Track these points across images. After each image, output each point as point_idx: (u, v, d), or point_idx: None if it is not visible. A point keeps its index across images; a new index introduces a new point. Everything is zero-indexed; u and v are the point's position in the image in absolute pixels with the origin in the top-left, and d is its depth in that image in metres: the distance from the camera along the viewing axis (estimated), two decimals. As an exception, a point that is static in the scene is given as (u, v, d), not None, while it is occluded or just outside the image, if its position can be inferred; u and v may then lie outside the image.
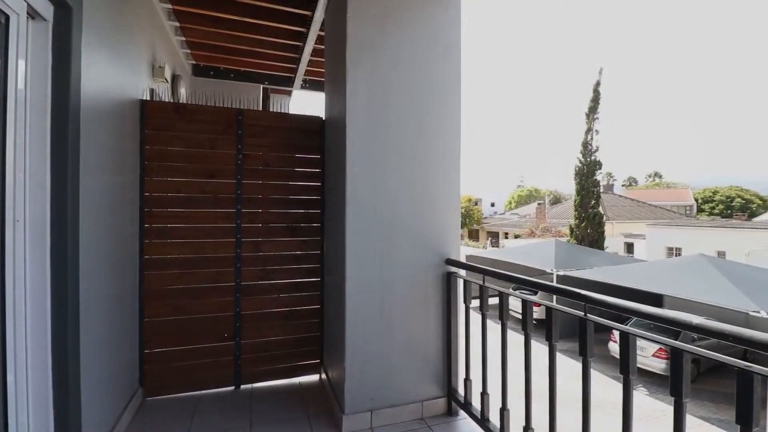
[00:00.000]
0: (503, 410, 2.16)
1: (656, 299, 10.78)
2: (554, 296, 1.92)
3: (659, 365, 9.66)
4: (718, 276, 9.60)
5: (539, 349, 1.99)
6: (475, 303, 2.41)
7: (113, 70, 2.29)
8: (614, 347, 10.41)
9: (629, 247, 25.87)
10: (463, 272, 2.69)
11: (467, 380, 2.57)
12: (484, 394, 2.37)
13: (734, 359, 1.17)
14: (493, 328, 2.23)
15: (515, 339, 2.35)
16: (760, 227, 20.23)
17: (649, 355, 9.93)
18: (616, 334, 1.53)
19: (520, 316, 2.19)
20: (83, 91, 1.85)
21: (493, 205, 65.23)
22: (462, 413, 2.63)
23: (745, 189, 53.45)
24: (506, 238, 35.87)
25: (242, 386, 3.03)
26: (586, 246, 20.10)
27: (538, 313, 10.50)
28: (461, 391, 2.62)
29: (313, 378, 3.22)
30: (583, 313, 1.65)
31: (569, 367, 10.01)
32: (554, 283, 1.94)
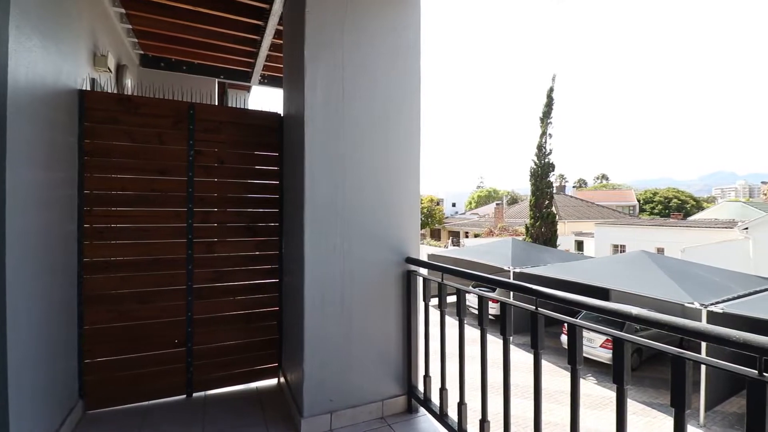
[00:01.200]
0: (461, 404, 2.20)
1: (604, 293, 11.47)
2: (511, 292, 1.98)
3: (606, 355, 10.28)
4: (657, 271, 10.36)
5: (497, 344, 2.04)
6: (435, 301, 2.44)
7: (47, 56, 2.11)
8: (566, 339, 10.97)
9: (579, 245, 27.37)
10: (423, 270, 2.72)
11: (426, 377, 2.59)
12: (443, 389, 2.40)
13: (669, 347, 1.25)
14: (453, 324, 2.26)
15: (474, 335, 2.40)
16: (693, 226, 22.08)
17: (597, 346, 10.55)
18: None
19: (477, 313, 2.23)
20: (11, 78, 1.70)
21: (454, 205, 66.74)
22: (422, 410, 2.66)
23: (681, 191, 58.27)
24: (467, 237, 36.80)
25: (195, 394, 2.88)
26: (541, 244, 21.03)
27: (495, 309, 10.85)
28: (421, 388, 2.64)
29: (272, 382, 3.12)
30: (534, 308, 1.72)
31: (525, 360, 10.44)
32: (510, 280, 2.00)
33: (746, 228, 17.49)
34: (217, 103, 5.66)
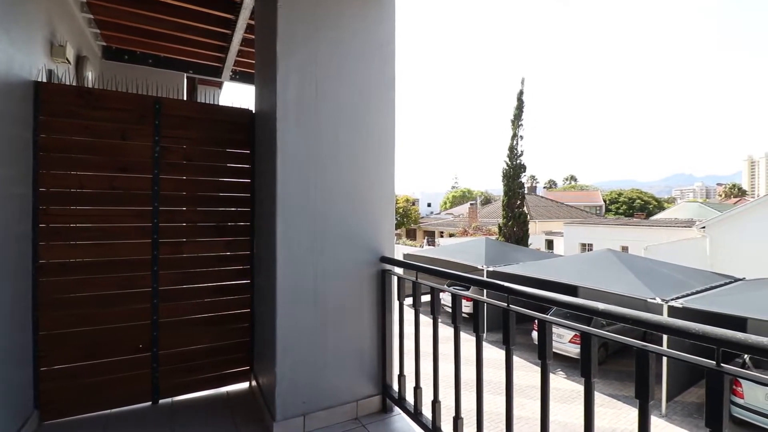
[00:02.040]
0: (435, 402, 2.21)
1: (572, 290, 11.85)
2: (484, 290, 2.00)
3: (575, 350, 10.63)
4: (622, 268, 10.79)
5: (471, 342, 2.05)
6: (410, 300, 2.44)
7: (-4, 44, 1.97)
8: (536, 335, 11.27)
9: (549, 244, 28.19)
10: (397, 270, 2.71)
11: (401, 376, 2.59)
12: (417, 388, 2.40)
13: (634, 341, 1.29)
14: (427, 323, 2.27)
15: (448, 333, 2.42)
16: (655, 225, 23.16)
17: (566, 341, 10.89)
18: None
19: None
20: (-48, 65, 1.57)
21: (429, 205, 67.34)
22: (396, 409, 2.65)
23: (644, 191, 61.11)
24: (442, 236, 37.20)
25: (161, 401, 2.76)
26: (513, 243, 21.51)
27: (469, 307, 11.01)
28: (396, 387, 2.63)
29: (243, 386, 3.04)
30: (506, 304, 1.74)
31: (497, 357, 10.65)
32: (483, 278, 2.02)
33: (703, 227, 18.49)
34: (186, 99, 5.47)
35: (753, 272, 12.56)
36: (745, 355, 7.93)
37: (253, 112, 3.05)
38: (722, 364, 1.08)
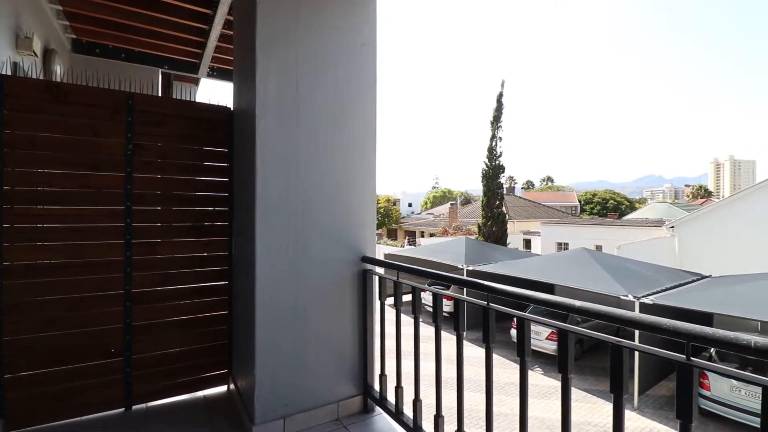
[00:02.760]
0: (416, 401, 2.21)
1: (549, 288, 12.12)
2: (464, 289, 2.02)
3: (551, 347, 10.88)
4: (596, 267, 11.11)
5: (451, 341, 2.07)
6: (391, 300, 2.44)
7: (-45, 33, 1.86)
8: (515, 333, 11.48)
9: (527, 243, 28.76)
10: (379, 269, 2.71)
11: (382, 376, 2.59)
12: (398, 387, 2.40)
13: (609, 336, 1.33)
14: (408, 323, 2.27)
15: (429, 332, 2.43)
16: (627, 225, 23.95)
17: (543, 338, 11.14)
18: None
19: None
20: None
21: (410, 205, 67.68)
22: (378, 409, 2.65)
23: (617, 192, 63.20)
24: (422, 236, 37.43)
25: (134, 407, 2.67)
26: (492, 243, 21.85)
27: (449, 306, 11.10)
28: (377, 387, 2.63)
29: (221, 389, 2.97)
30: (486, 303, 1.76)
31: (477, 355, 10.80)
32: (463, 277, 2.04)
33: (672, 227, 19.22)
34: (160, 95, 5.31)
35: (718, 269, 13.14)
36: (712, 349, 8.29)
37: (232, 109, 2.99)
38: (692, 358, 1.12)
